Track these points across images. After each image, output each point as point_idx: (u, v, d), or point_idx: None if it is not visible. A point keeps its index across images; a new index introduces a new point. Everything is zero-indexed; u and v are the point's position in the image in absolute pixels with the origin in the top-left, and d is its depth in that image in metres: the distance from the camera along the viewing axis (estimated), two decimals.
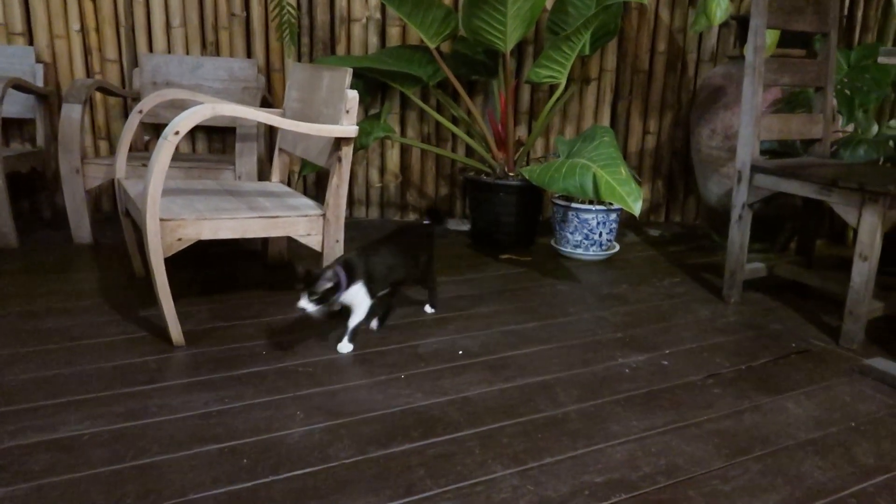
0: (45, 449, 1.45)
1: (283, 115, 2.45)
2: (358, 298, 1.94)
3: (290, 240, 2.10)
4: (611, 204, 2.85)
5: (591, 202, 2.92)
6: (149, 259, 1.87)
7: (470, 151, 3.58)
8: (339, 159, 2.06)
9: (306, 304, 1.81)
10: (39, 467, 1.39)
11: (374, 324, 2.15)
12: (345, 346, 1.99)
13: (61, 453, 1.44)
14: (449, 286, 2.61)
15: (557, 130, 3.66)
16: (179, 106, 3.03)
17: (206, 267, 2.70)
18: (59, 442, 1.48)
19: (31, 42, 3.24)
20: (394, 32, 3.40)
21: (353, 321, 1.98)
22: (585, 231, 2.97)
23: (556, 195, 3.06)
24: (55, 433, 1.51)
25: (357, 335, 2.02)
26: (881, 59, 1.87)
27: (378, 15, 3.39)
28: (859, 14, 3.42)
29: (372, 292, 1.97)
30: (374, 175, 3.62)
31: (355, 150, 3.39)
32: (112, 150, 3.43)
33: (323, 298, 1.82)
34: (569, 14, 3.11)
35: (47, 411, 1.60)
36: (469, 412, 1.68)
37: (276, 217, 2.03)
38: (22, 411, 1.60)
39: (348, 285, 1.88)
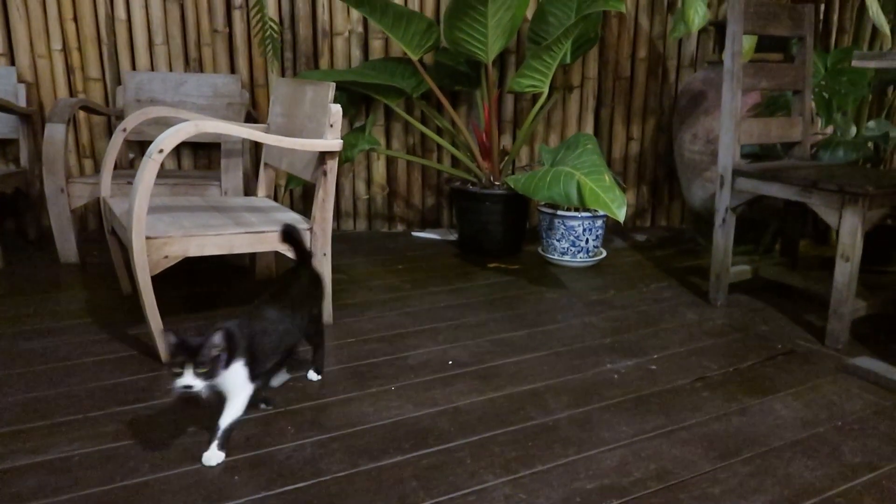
0: (36, 471, 1.44)
1: (268, 130, 2.46)
2: (237, 382, 1.49)
3: (277, 254, 2.10)
4: (596, 210, 2.87)
5: (576, 209, 2.94)
6: (136, 277, 1.86)
7: (455, 162, 3.59)
8: (325, 173, 2.07)
9: (192, 381, 1.36)
10: (29, 490, 1.38)
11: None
12: (213, 456, 1.48)
13: (52, 475, 1.43)
14: (438, 296, 2.61)
15: (541, 139, 3.69)
16: (164, 123, 3.03)
17: (193, 283, 2.69)
18: (49, 464, 1.47)
19: (12, 62, 3.23)
20: (376, 45, 3.42)
21: (228, 417, 1.51)
22: (572, 238, 2.99)
23: (542, 203, 3.08)
24: (45, 455, 1.50)
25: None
26: (855, 63, 1.90)
27: (360, 28, 3.40)
28: (835, 17, 3.47)
29: (253, 374, 1.52)
30: (361, 187, 3.62)
31: (341, 163, 3.40)
32: (97, 169, 3.42)
33: (213, 370, 1.39)
34: (549, 24, 3.14)
35: (37, 433, 1.59)
36: (460, 422, 1.68)
37: (263, 232, 2.03)
38: (11, 434, 1.59)
39: (228, 363, 1.44)
